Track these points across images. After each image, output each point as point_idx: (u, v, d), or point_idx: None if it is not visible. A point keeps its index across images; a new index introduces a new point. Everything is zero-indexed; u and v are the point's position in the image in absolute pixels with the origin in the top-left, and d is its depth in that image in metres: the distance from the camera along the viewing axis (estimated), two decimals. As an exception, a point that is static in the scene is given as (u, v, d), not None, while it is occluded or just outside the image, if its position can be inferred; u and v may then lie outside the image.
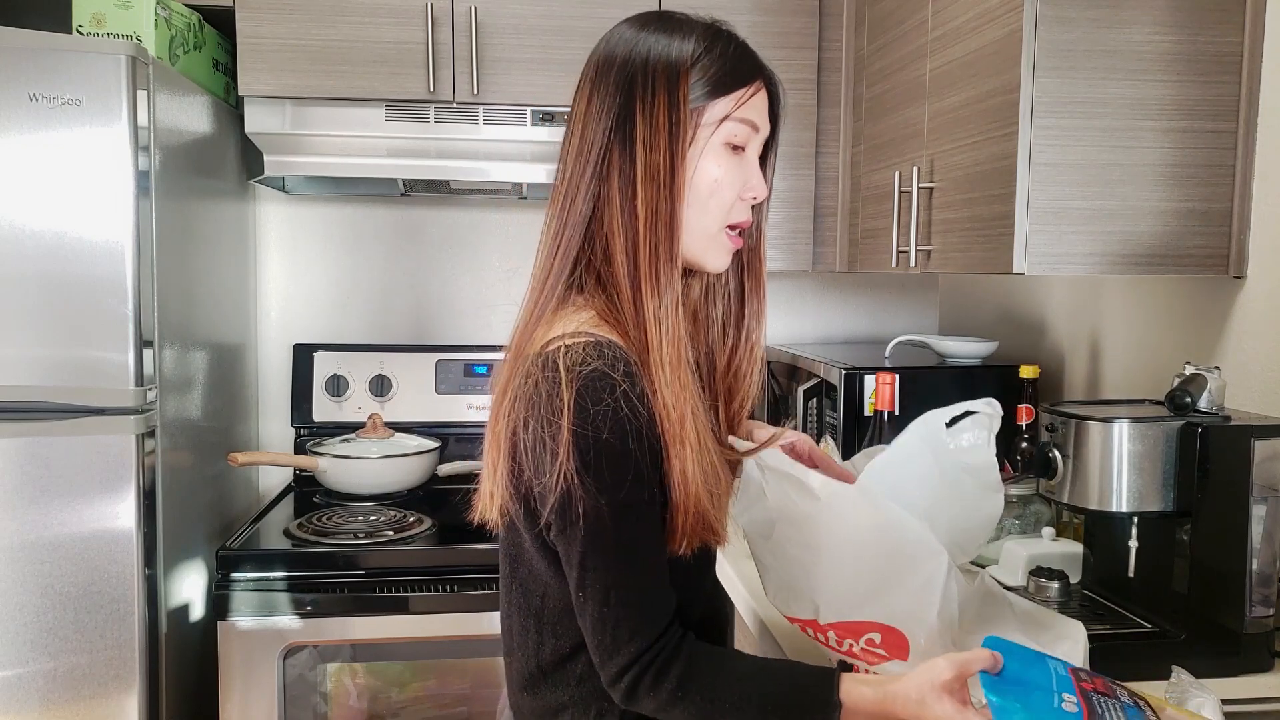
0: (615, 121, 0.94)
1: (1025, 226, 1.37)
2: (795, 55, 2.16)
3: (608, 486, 0.88)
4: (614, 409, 0.87)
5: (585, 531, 0.89)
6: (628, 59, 0.95)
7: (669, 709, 0.90)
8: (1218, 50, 1.37)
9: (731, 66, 0.96)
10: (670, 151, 0.93)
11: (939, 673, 0.85)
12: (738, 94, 0.96)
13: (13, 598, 1.65)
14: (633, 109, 0.93)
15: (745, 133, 0.98)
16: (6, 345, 1.62)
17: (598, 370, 0.88)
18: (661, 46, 0.94)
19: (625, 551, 0.90)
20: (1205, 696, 0.99)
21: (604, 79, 0.96)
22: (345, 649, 1.87)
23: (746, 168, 0.99)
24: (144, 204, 1.67)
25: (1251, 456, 1.17)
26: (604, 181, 0.95)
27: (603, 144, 0.94)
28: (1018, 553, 1.51)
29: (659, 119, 0.93)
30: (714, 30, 0.98)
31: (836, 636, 1.05)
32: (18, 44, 1.58)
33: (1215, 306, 1.50)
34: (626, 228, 0.94)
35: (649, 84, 0.93)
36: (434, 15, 2.04)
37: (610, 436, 0.87)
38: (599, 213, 0.95)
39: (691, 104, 0.94)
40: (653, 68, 0.94)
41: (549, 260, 0.98)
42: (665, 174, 0.93)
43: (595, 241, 0.96)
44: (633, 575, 0.90)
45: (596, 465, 0.87)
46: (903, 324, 2.63)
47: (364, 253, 2.46)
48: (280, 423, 2.43)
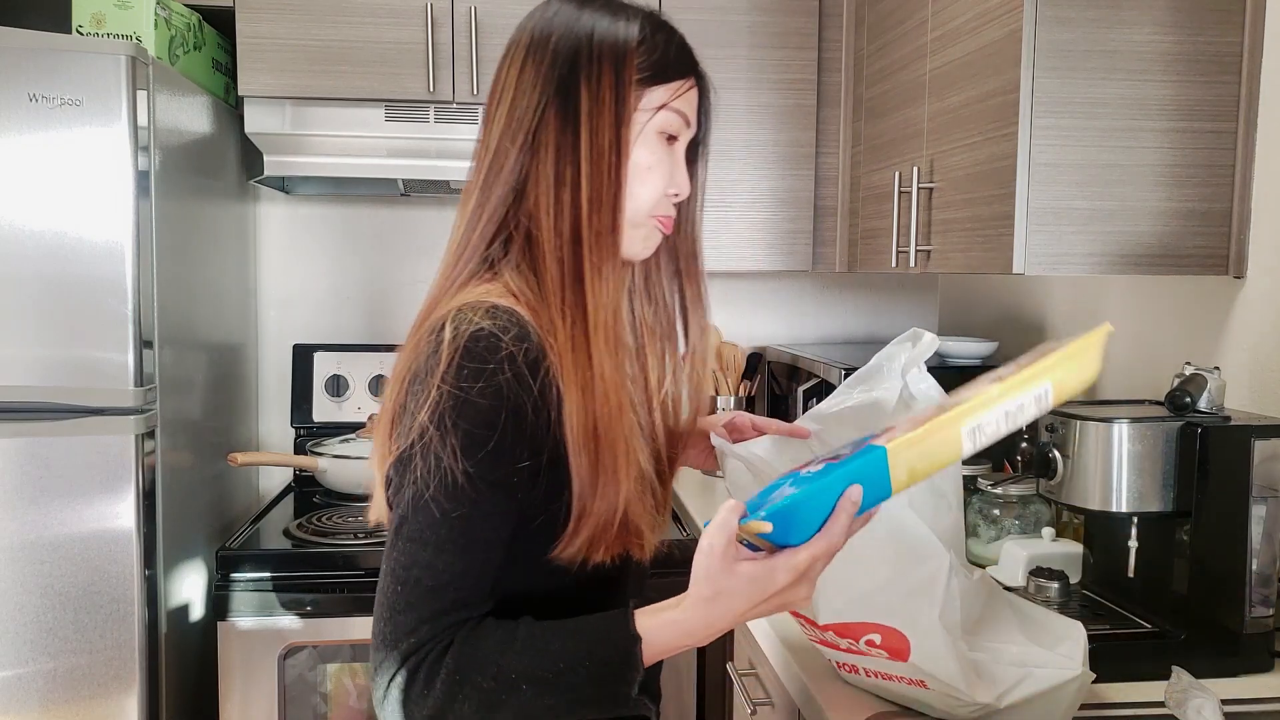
0: (554, 93, 0.89)
1: (1025, 226, 1.37)
2: (795, 55, 2.16)
3: (457, 450, 0.80)
4: (493, 372, 0.81)
5: (413, 493, 0.81)
6: (570, 31, 0.90)
7: (449, 710, 0.79)
8: (1218, 50, 1.37)
9: (674, 56, 0.93)
10: (615, 130, 0.89)
11: (713, 561, 0.78)
12: (676, 84, 0.93)
13: (13, 598, 1.65)
14: (576, 82, 0.89)
15: (679, 124, 0.94)
16: (6, 345, 1.62)
17: (485, 331, 0.82)
18: (606, 24, 0.91)
19: (450, 528, 0.80)
20: (1205, 697, 0.99)
21: (540, 48, 0.91)
22: (345, 649, 1.87)
23: (674, 162, 0.96)
24: (144, 204, 1.67)
25: (1251, 456, 1.17)
26: (534, 154, 0.90)
27: (535, 114, 0.89)
28: (1018, 553, 1.51)
29: (604, 95, 0.89)
30: (656, 19, 0.95)
31: (835, 635, 1.05)
32: (18, 44, 1.58)
33: (1215, 306, 1.50)
34: (564, 205, 0.89)
35: (594, 58, 0.89)
36: (434, 15, 2.04)
37: (479, 399, 0.80)
38: (526, 186, 0.90)
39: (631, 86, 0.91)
40: (598, 43, 0.90)
41: (468, 233, 0.92)
42: (611, 152, 0.89)
43: (519, 215, 0.91)
44: (447, 557, 0.81)
45: (453, 424, 0.80)
46: (903, 324, 2.63)
47: (364, 253, 2.46)
48: (280, 423, 2.43)
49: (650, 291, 1.03)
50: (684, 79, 0.94)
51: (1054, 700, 1.02)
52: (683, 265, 1.03)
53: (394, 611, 0.81)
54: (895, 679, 1.04)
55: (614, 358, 0.88)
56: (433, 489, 0.80)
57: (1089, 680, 1.02)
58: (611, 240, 0.90)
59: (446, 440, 0.80)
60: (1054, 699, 1.02)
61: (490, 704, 0.79)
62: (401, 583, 0.81)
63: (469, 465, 0.80)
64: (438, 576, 0.81)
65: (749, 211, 2.19)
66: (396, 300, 2.48)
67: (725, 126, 2.17)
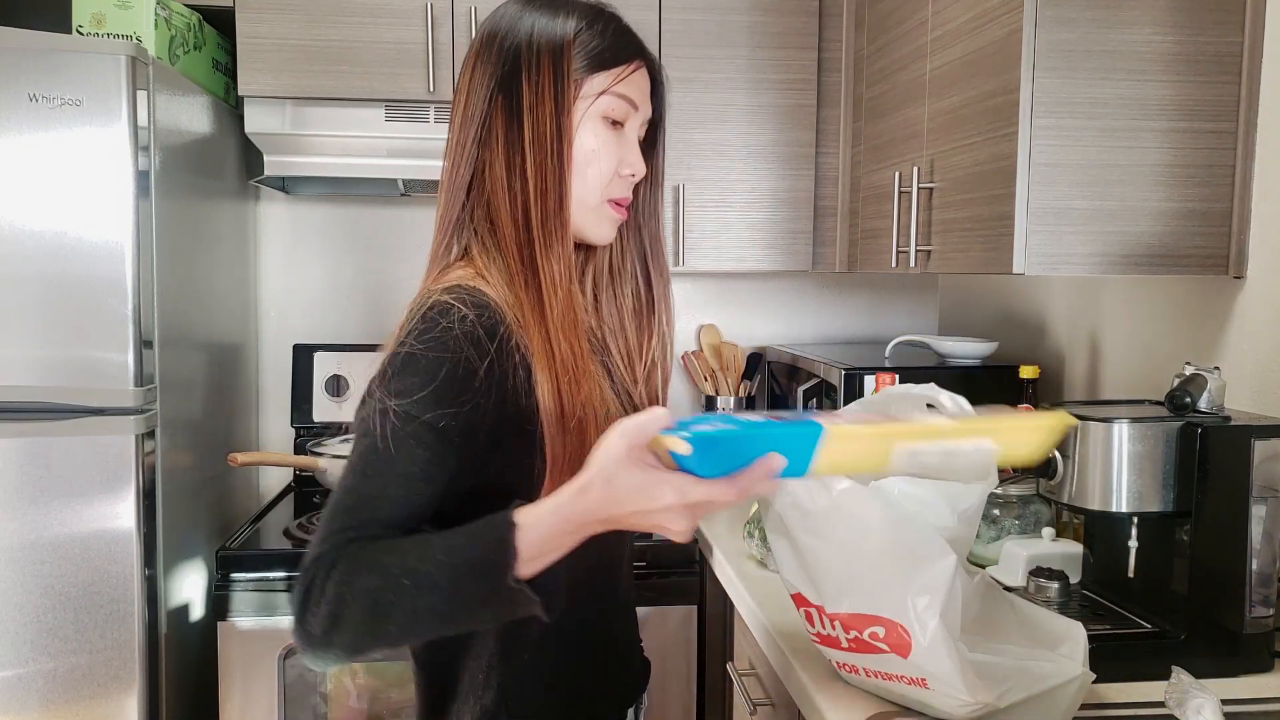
0: (499, 89, 0.96)
1: (1025, 226, 1.37)
2: (795, 55, 2.16)
3: (395, 392, 0.86)
4: (442, 331, 0.87)
5: (358, 432, 0.87)
6: (512, 31, 0.97)
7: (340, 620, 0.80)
8: (1218, 50, 1.37)
9: (610, 43, 0.98)
10: (556, 120, 0.95)
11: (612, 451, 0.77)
12: (616, 70, 0.98)
13: (13, 598, 1.65)
14: (518, 78, 0.95)
15: (623, 109, 0.99)
16: (6, 345, 1.62)
17: (443, 301, 0.89)
18: (545, 22, 0.97)
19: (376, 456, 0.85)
20: (1205, 697, 0.99)
21: (488, 50, 0.98)
22: (345, 649, 1.87)
23: (625, 145, 1.00)
24: (144, 204, 1.67)
25: (1251, 456, 1.17)
26: (485, 146, 0.97)
27: (484, 110, 0.97)
28: (1018, 553, 1.51)
29: (544, 88, 0.95)
30: (596, 10, 1.00)
31: (842, 625, 1.04)
32: (18, 44, 1.58)
33: (1215, 306, 1.50)
34: (515, 192, 0.95)
35: (534, 55, 0.95)
36: (434, 15, 2.04)
37: (424, 351, 0.86)
38: (481, 176, 0.97)
39: (572, 76, 0.96)
40: (537, 40, 0.96)
41: (442, 226, 0.99)
42: (553, 140, 0.95)
43: (477, 205, 0.98)
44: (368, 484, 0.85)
45: (396, 372, 0.87)
46: (903, 324, 2.63)
47: (364, 253, 2.46)
48: (280, 423, 2.44)
49: (621, 276, 1.08)
50: (626, 64, 0.99)
51: (1054, 700, 1.02)
52: (649, 248, 1.08)
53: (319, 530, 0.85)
54: (896, 678, 1.04)
55: (570, 333, 0.93)
56: (368, 425, 0.86)
57: (1089, 680, 1.02)
58: (559, 221, 0.95)
59: (390, 384, 0.86)
60: (1054, 699, 1.02)
61: (376, 607, 0.80)
62: (330, 505, 0.86)
63: (402, 403, 0.85)
64: (353, 497, 0.86)
65: (749, 211, 2.19)
66: (396, 300, 2.48)
67: (725, 126, 2.17)
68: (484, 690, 0.97)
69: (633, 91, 0.99)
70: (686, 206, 2.16)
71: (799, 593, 1.08)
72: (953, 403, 1.05)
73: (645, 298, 1.08)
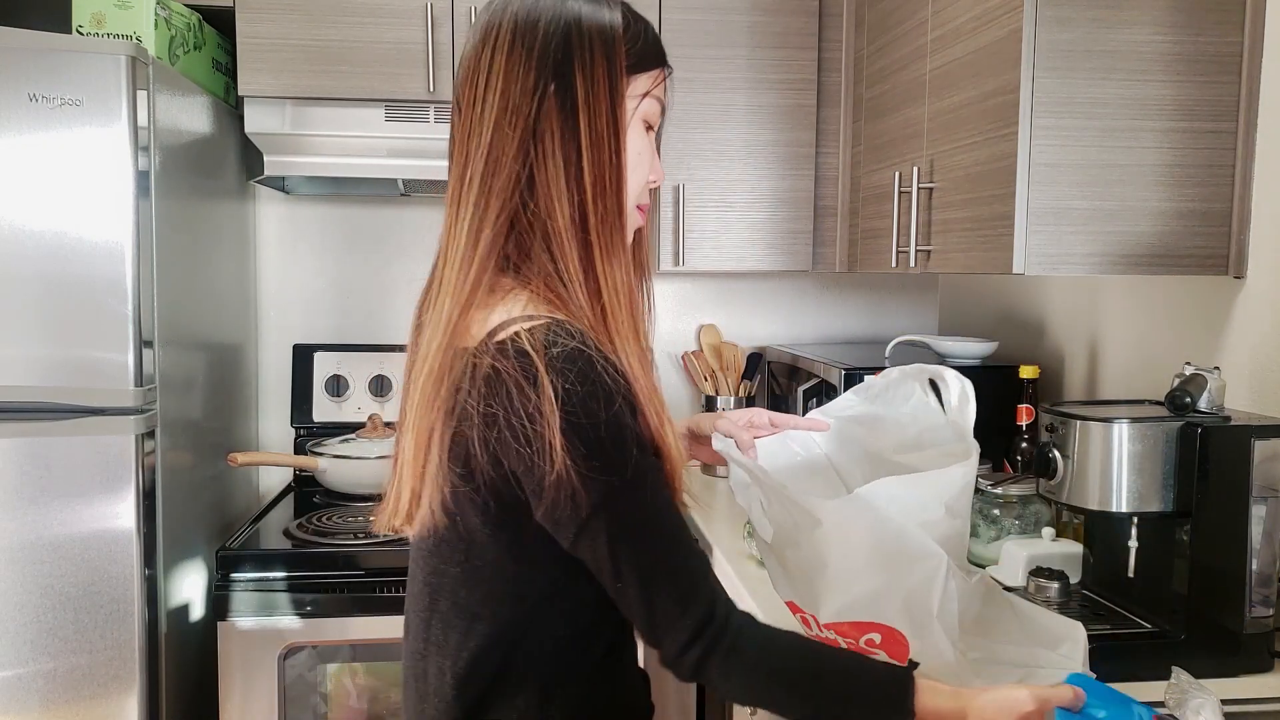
0: (550, 79, 0.87)
1: (1025, 226, 1.37)
2: (795, 55, 2.16)
3: (615, 465, 0.82)
4: (598, 384, 0.82)
5: (605, 518, 0.83)
6: (557, 16, 0.88)
7: (738, 678, 0.85)
8: (1218, 50, 1.37)
9: (652, 46, 0.94)
10: (613, 114, 0.89)
11: (1020, 702, 0.82)
12: (655, 73, 0.94)
13: (13, 598, 1.65)
14: (570, 67, 0.87)
15: (658, 112, 0.95)
16: (6, 345, 1.62)
17: (571, 349, 0.82)
18: (591, 10, 0.89)
19: (651, 525, 0.85)
20: (1205, 698, 0.99)
21: (528, 33, 0.88)
22: (345, 649, 1.87)
23: (652, 150, 0.96)
24: (144, 204, 1.67)
25: (1251, 456, 1.17)
26: (538, 142, 0.87)
27: (534, 101, 0.87)
28: (1018, 553, 1.51)
29: (599, 80, 0.88)
30: (631, 9, 0.94)
31: (835, 634, 1.05)
32: (18, 44, 1.58)
33: (1215, 306, 1.50)
34: (572, 191, 0.88)
35: (585, 43, 0.88)
36: (434, 15, 2.04)
37: (604, 412, 0.82)
38: (534, 175, 0.88)
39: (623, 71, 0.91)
40: (588, 28, 0.88)
41: (474, 232, 0.89)
42: (610, 136, 0.88)
43: (529, 208, 0.88)
44: (665, 546, 0.85)
45: (598, 447, 0.82)
46: (903, 324, 2.63)
47: (364, 253, 2.46)
48: (280, 423, 2.44)
49: None
50: (661, 68, 0.95)
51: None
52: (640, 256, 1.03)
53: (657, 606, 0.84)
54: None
55: (635, 337, 0.90)
56: (614, 505, 0.83)
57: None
58: (619, 223, 0.90)
59: (599, 462, 0.82)
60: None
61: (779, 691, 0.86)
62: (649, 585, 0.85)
63: (628, 471, 0.83)
64: (669, 565, 0.85)
65: (749, 211, 2.19)
66: (397, 300, 2.48)
67: (725, 126, 2.17)
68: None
69: (666, 97, 0.96)
70: (686, 206, 2.16)
71: (791, 601, 1.09)
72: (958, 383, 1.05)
73: None
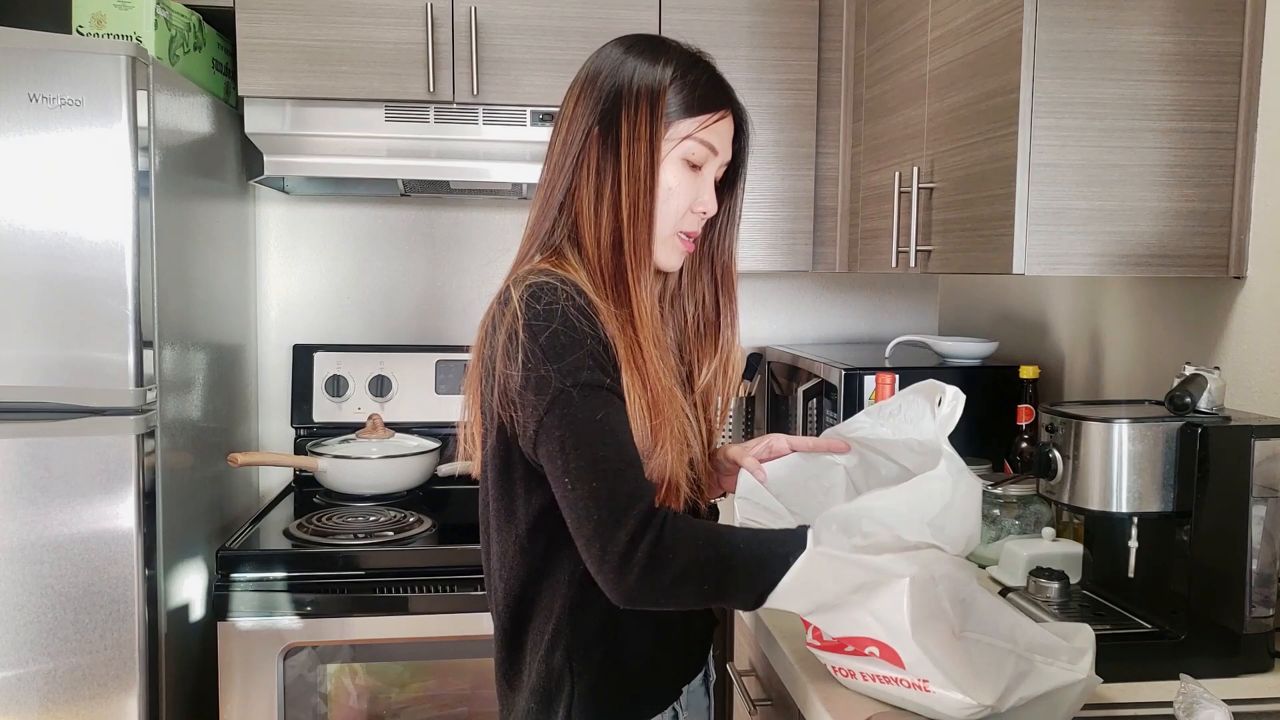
0: (598, 123, 1.07)
1: (1025, 226, 1.37)
2: (795, 55, 2.16)
3: (569, 369, 0.97)
4: (562, 309, 0.98)
5: (558, 416, 0.96)
6: (614, 73, 1.08)
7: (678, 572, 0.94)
8: (1218, 50, 1.37)
9: (701, 94, 1.09)
10: (651, 157, 1.06)
11: None
12: (702, 118, 1.09)
13: (13, 598, 1.65)
14: (618, 115, 1.07)
15: (703, 153, 1.10)
16: (6, 345, 1.62)
17: (543, 281, 1.01)
18: (646, 66, 1.08)
19: (600, 428, 0.96)
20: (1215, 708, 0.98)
21: (591, 86, 1.09)
22: (345, 649, 1.87)
23: (700, 184, 1.11)
24: (144, 204, 1.67)
25: (1251, 457, 1.17)
26: (579, 172, 1.08)
27: (583, 140, 1.08)
28: (1018, 553, 1.51)
29: (641, 127, 1.06)
30: (692, 58, 1.11)
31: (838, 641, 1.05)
32: (18, 44, 1.58)
33: (1215, 306, 1.50)
34: (602, 217, 1.06)
35: (633, 96, 1.07)
36: (434, 15, 2.04)
37: (560, 326, 0.98)
38: (571, 197, 1.09)
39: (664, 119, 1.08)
40: (638, 82, 1.07)
41: (532, 229, 1.12)
42: (646, 174, 1.06)
43: (565, 220, 1.09)
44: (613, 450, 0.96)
45: (553, 350, 0.97)
46: (903, 324, 2.63)
47: (364, 253, 2.46)
48: (280, 423, 2.44)
49: (692, 296, 1.20)
50: (712, 113, 1.10)
51: (1057, 700, 1.01)
52: (719, 275, 1.20)
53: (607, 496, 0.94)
54: (895, 682, 1.04)
55: (659, 348, 1.05)
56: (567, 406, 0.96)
57: (1094, 684, 1.02)
58: (648, 248, 1.07)
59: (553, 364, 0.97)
60: (1057, 699, 1.01)
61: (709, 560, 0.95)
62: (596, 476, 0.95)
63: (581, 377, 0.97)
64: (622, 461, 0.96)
65: (749, 211, 2.19)
66: (397, 300, 2.48)
67: (725, 126, 2.17)
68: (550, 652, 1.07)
69: (714, 138, 1.10)
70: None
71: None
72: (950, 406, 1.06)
73: (711, 320, 1.20)
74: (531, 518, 1.05)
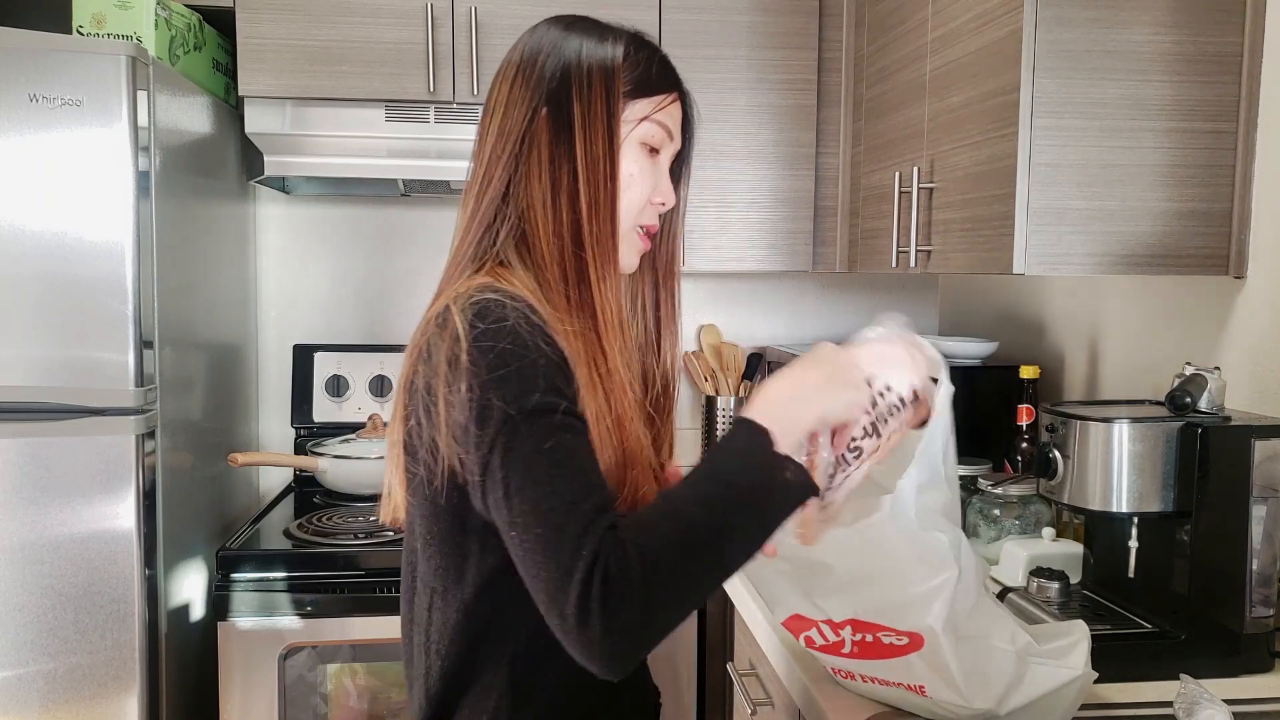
0: (545, 104, 0.94)
1: (1025, 226, 1.37)
2: (795, 55, 2.16)
3: (516, 394, 0.81)
4: (511, 326, 0.84)
5: (502, 454, 0.81)
6: (558, 50, 0.96)
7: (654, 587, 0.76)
8: (1218, 50, 1.37)
9: (655, 72, 0.99)
10: (609, 140, 0.94)
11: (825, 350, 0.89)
12: (658, 98, 0.99)
13: (13, 598, 1.65)
14: (568, 95, 0.94)
15: (661, 137, 0.99)
16: (6, 345, 1.62)
17: (488, 299, 0.86)
18: (593, 44, 0.96)
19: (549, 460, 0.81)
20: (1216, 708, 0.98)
21: (530, 67, 0.96)
22: (345, 649, 1.87)
23: (658, 173, 1.00)
24: (144, 204, 1.67)
25: (1251, 456, 1.17)
26: (523, 161, 0.94)
27: (525, 125, 0.94)
28: (1018, 553, 1.51)
29: (597, 106, 0.94)
30: (639, 38, 1.00)
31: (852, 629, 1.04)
32: (18, 44, 1.58)
33: (1215, 306, 1.50)
34: (560, 211, 0.93)
35: (585, 74, 0.94)
36: (434, 15, 2.04)
37: (509, 345, 0.83)
38: (514, 189, 0.95)
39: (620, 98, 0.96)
40: (587, 59, 0.95)
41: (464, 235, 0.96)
42: (605, 162, 0.94)
43: (508, 219, 0.95)
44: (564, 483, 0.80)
45: (499, 373, 0.82)
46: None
47: (364, 253, 2.46)
48: (280, 423, 2.43)
49: (635, 301, 1.06)
50: (666, 94, 0.99)
51: (1055, 701, 1.01)
52: (661, 275, 1.07)
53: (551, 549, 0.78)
54: (893, 684, 1.04)
55: (625, 355, 0.93)
56: (508, 438, 0.81)
57: (1090, 680, 1.02)
58: (611, 244, 0.94)
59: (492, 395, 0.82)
60: (1055, 700, 1.01)
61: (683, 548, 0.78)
62: (540, 524, 0.79)
63: (519, 408, 0.81)
64: (568, 499, 0.79)
65: (749, 211, 2.19)
66: (397, 300, 2.48)
67: (725, 126, 2.17)
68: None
69: (669, 122, 1.00)
70: (686, 207, 2.16)
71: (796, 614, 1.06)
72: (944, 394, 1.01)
73: (654, 324, 1.07)
74: (484, 579, 0.90)
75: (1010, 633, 1.01)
